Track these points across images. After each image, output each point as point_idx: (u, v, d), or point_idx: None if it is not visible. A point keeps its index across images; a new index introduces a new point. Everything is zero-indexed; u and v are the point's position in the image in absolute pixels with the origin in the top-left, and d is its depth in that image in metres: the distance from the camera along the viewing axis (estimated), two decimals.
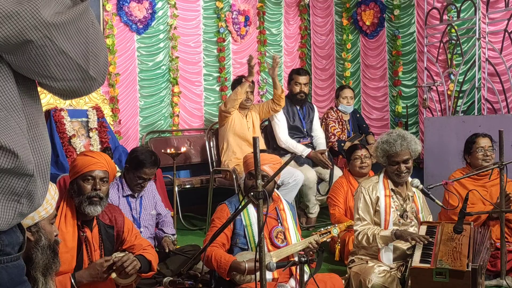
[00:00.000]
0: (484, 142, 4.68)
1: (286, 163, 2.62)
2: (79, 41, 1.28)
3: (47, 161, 1.37)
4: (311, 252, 3.49)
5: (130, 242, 3.43)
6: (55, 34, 1.24)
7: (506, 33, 6.11)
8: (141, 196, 4.39)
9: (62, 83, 1.30)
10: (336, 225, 3.73)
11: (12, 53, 1.25)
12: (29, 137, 1.33)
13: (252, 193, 2.58)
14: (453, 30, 6.76)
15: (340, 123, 6.78)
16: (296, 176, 5.78)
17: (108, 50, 6.49)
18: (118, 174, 4.47)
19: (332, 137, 6.66)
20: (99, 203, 3.24)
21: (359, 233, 3.89)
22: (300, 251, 3.55)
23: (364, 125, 7.06)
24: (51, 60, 1.26)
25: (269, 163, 3.64)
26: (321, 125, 6.77)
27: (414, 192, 4.05)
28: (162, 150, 5.80)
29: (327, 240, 3.72)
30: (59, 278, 2.92)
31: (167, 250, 4.23)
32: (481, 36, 6.33)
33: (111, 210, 3.45)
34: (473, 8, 6.47)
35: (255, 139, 2.56)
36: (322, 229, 3.68)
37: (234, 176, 5.79)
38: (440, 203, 3.86)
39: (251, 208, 3.63)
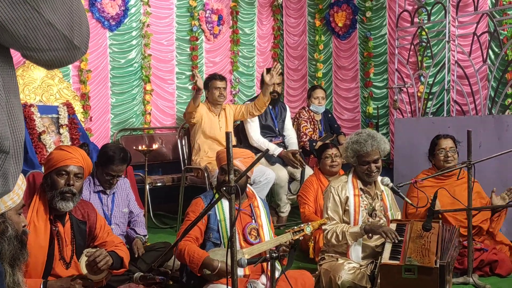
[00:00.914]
0: (445, 143, 4.71)
1: (258, 158, 2.65)
2: (64, 12, 1.28)
3: (21, 141, 1.36)
4: (282, 248, 3.50)
5: (102, 239, 3.41)
6: (43, 6, 1.24)
7: (475, 36, 6.22)
8: (114, 193, 4.36)
9: (48, 53, 1.30)
10: (310, 223, 3.75)
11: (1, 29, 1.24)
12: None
13: (224, 188, 2.59)
14: (423, 33, 6.85)
15: (312, 123, 6.82)
16: (268, 175, 5.80)
17: None
18: None
19: (304, 136, 6.70)
20: (71, 199, 3.21)
21: (328, 231, 3.92)
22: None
23: (336, 125, 7.12)
24: (39, 32, 1.25)
25: (240, 157, 3.66)
26: (293, 124, 6.80)
27: (382, 190, 4.09)
28: (134, 147, 5.77)
29: (300, 238, 3.74)
30: (29, 282, 2.88)
31: (136, 255, 4.18)
32: (451, 39, 6.43)
33: (83, 205, 3.42)
34: (443, 12, 6.57)
35: (228, 134, 2.57)
36: (295, 227, 3.70)
37: (206, 174, 5.78)
38: (410, 201, 3.92)
39: (225, 203, 3.63)
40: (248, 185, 3.81)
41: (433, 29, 6.82)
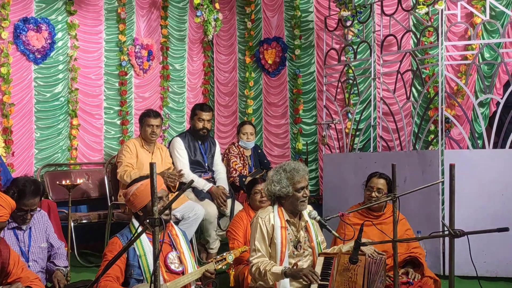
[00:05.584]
0: (375, 182, 4.64)
1: (184, 189, 2.59)
2: None
3: None
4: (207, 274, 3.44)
5: (16, 275, 3.24)
6: None
7: (399, 74, 6.42)
8: (30, 228, 4.15)
9: None
10: (231, 251, 3.71)
11: None
12: None
13: (148, 221, 2.51)
14: (350, 71, 7.03)
15: (242, 158, 6.82)
16: (197, 211, 5.73)
17: (2, 79, 6.24)
18: None
19: (234, 172, 6.68)
20: None
21: (253, 265, 3.87)
22: (197, 281, 3.50)
23: (266, 161, 7.13)
24: None
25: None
26: (223, 160, 6.78)
27: (307, 220, 4.08)
28: (58, 182, 5.58)
29: (223, 267, 3.69)
30: None
31: (57, 287, 3.98)
32: (376, 76, 6.62)
33: None
34: (369, 50, 6.78)
35: (152, 164, 2.51)
36: (217, 256, 3.66)
37: None
38: (337, 234, 3.94)
39: (144, 237, 3.55)
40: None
41: (360, 67, 7.01)
